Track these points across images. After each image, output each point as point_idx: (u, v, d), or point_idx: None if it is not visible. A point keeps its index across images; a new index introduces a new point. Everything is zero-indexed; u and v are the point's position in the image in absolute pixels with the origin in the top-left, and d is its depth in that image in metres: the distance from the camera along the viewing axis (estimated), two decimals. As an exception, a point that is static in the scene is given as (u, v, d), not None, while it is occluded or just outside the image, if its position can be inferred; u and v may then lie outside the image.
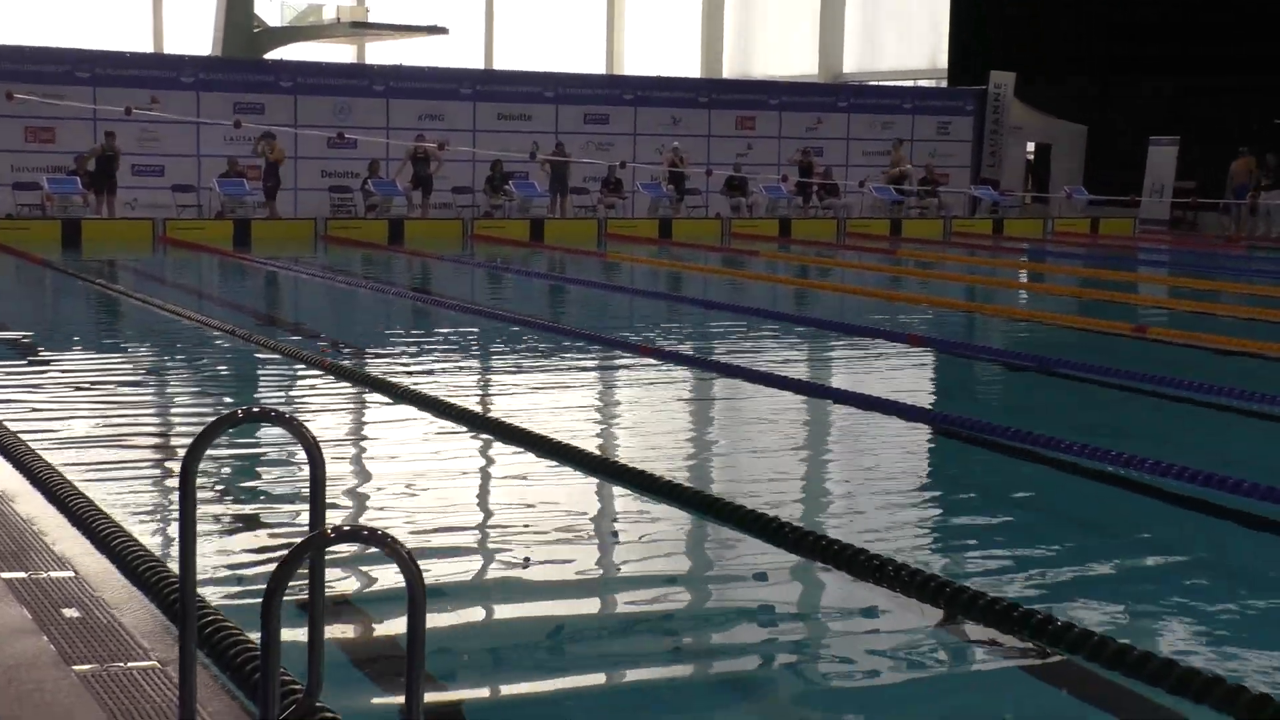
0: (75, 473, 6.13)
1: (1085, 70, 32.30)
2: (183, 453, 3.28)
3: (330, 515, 4.18)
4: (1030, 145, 33.72)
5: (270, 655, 2.72)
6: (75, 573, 4.50)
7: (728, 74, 44.93)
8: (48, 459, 6.24)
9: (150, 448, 7.47)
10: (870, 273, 20.02)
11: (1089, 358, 10.56)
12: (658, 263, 21.02)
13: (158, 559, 4.61)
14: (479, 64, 43.17)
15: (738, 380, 9.77)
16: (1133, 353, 11.27)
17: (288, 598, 2.74)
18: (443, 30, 38.16)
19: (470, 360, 11.21)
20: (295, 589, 3.19)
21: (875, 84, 37.24)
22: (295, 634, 3.42)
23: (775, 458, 7.66)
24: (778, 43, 44.76)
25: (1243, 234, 28.02)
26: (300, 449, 3.23)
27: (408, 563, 2.56)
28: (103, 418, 8.15)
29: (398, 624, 4.56)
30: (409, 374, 9.76)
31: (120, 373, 10.15)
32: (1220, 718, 3.90)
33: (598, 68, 45.88)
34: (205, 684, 3.51)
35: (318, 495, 3.24)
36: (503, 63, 43.66)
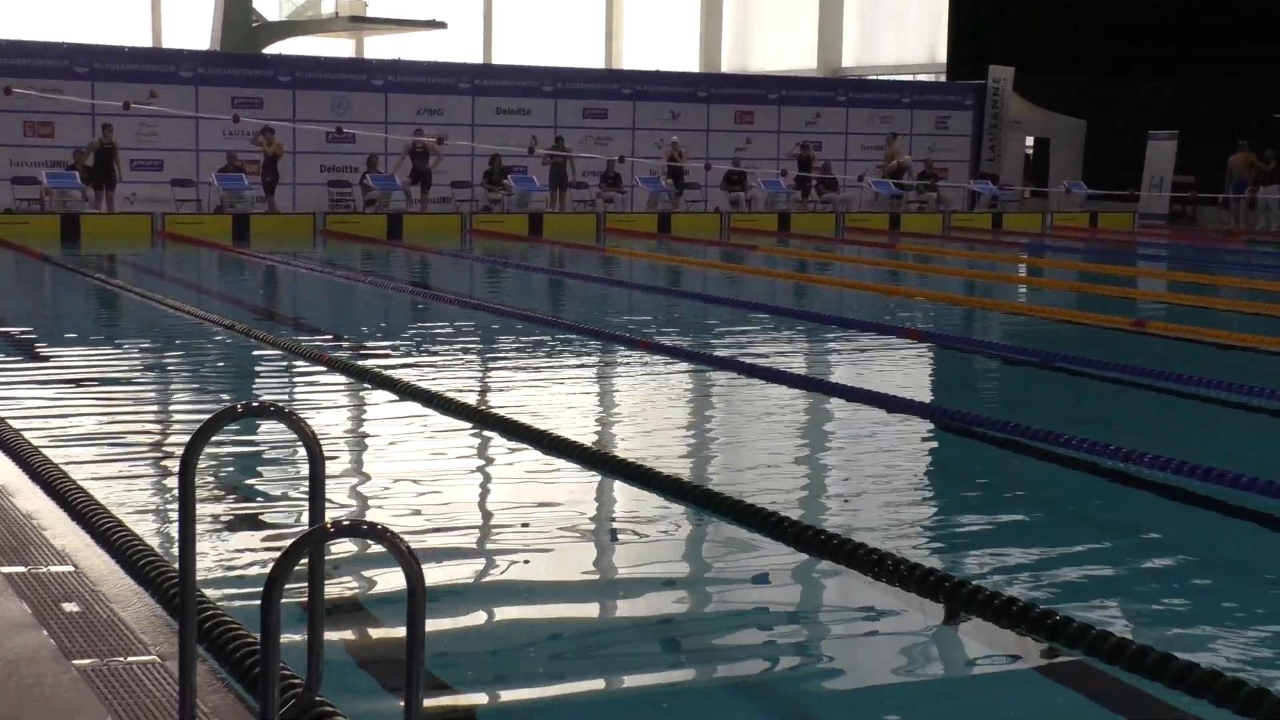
0: (75, 468, 6.12)
1: (1084, 64, 32.28)
2: (182, 448, 3.28)
3: (330, 510, 4.18)
4: (1029, 140, 33.72)
5: (270, 650, 2.72)
6: (75, 567, 4.50)
7: (726, 68, 44.92)
8: (47, 454, 6.24)
9: (150, 443, 7.47)
10: (869, 267, 20.01)
11: (1088, 352, 10.56)
12: (656, 257, 21.02)
13: (157, 554, 4.61)
14: (477, 58, 43.14)
15: (736, 374, 9.77)
16: (1131, 347, 11.27)
17: (287, 595, 2.74)
18: (441, 25, 38.12)
19: (469, 355, 11.20)
20: (295, 585, 3.19)
21: (874, 78, 37.23)
22: (295, 630, 3.42)
23: (773, 452, 7.66)
24: (776, 37, 44.74)
25: (1242, 228, 28.01)
26: (300, 443, 3.23)
27: (407, 557, 2.56)
28: (102, 412, 8.15)
29: (397, 620, 4.56)
30: (408, 368, 9.77)
31: (119, 367, 10.15)
32: (1219, 714, 3.90)
33: (596, 62, 45.87)
34: (205, 679, 3.51)
35: (317, 490, 3.23)
36: (501, 57, 43.61)
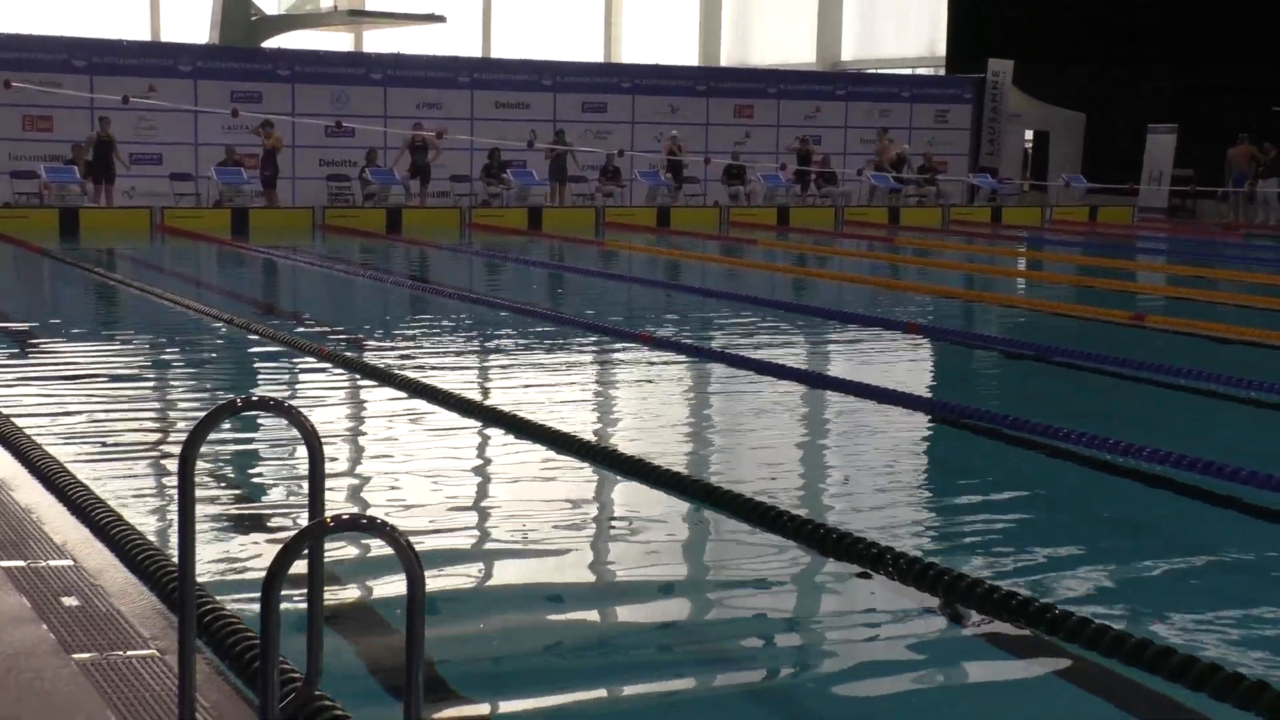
0: (74, 461, 6.13)
1: (1083, 57, 32.26)
2: (181, 442, 3.28)
3: (329, 504, 4.19)
4: (1028, 133, 33.70)
5: (269, 644, 2.72)
6: (74, 561, 4.50)
7: (726, 62, 44.87)
8: (46, 448, 6.24)
9: (149, 437, 7.46)
10: (868, 260, 20.01)
11: (1087, 345, 10.57)
12: (656, 251, 21.01)
13: (157, 548, 4.61)
14: (477, 52, 43.06)
15: (735, 368, 9.77)
16: (1130, 340, 11.28)
17: (287, 590, 2.74)
18: (440, 18, 38.03)
19: (468, 349, 11.20)
20: (295, 580, 3.19)
21: (873, 72, 37.20)
22: (295, 625, 3.42)
23: (772, 446, 7.66)
24: (776, 31, 44.69)
25: (1241, 221, 28.00)
26: (299, 438, 3.23)
27: (407, 552, 2.56)
28: (101, 406, 8.15)
29: (397, 614, 4.56)
30: (407, 363, 9.77)
31: (118, 362, 10.14)
32: (1219, 708, 3.91)
33: (596, 56, 45.79)
34: (204, 673, 3.51)
35: (317, 485, 3.23)
36: (500, 51, 43.54)
